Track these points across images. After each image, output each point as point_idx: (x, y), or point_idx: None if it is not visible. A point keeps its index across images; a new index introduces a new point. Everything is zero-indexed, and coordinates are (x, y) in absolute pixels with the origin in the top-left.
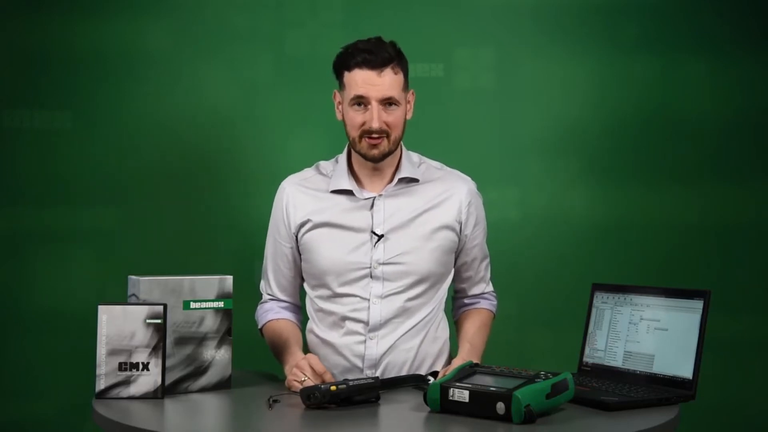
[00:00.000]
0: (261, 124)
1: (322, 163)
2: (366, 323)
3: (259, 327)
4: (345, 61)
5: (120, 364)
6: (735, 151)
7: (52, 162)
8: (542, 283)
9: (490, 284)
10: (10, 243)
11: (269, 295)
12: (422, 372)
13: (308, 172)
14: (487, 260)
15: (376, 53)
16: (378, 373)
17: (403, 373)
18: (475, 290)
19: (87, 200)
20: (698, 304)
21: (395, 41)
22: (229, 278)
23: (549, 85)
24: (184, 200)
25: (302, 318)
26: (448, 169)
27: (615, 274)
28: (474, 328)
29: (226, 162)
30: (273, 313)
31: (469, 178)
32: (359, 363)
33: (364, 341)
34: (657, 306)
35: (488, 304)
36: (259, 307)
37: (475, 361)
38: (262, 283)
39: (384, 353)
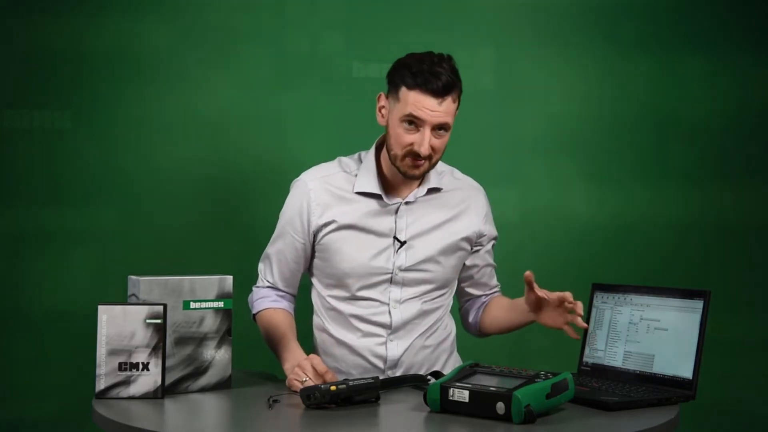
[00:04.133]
0: (261, 124)
1: (344, 160)
2: (385, 326)
3: (254, 313)
4: (406, 79)
5: (120, 364)
6: (735, 150)
7: (52, 162)
8: (542, 283)
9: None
10: (10, 243)
11: (269, 282)
12: (437, 369)
13: (330, 168)
14: (494, 271)
15: (441, 79)
16: (399, 373)
17: (422, 372)
18: (489, 290)
19: (87, 200)
20: (698, 304)
21: (452, 57)
22: (229, 278)
23: (549, 85)
24: (184, 200)
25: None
26: (461, 175)
27: (615, 274)
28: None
29: (226, 162)
30: (269, 300)
31: (481, 187)
32: (380, 364)
33: (385, 343)
34: (657, 306)
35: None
36: (255, 291)
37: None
38: (262, 266)
39: (403, 354)
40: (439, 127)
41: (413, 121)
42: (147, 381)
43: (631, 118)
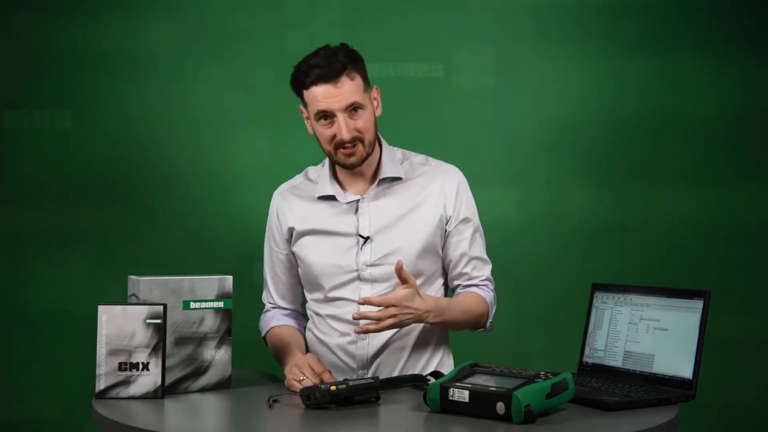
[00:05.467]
0: (261, 124)
1: (311, 169)
2: (356, 324)
3: (263, 335)
4: (300, 80)
5: (120, 364)
6: (734, 151)
7: (52, 162)
8: (542, 283)
9: (486, 283)
10: (10, 243)
11: (271, 303)
12: (416, 371)
13: (298, 179)
14: (476, 261)
15: (328, 65)
16: (370, 373)
17: (396, 373)
18: (467, 282)
19: (87, 200)
20: (698, 304)
21: (347, 43)
22: (229, 278)
23: (549, 85)
24: (184, 200)
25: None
26: (433, 161)
27: (615, 274)
28: (455, 299)
29: (226, 162)
30: (275, 320)
31: (454, 168)
32: (351, 363)
33: (356, 341)
34: (657, 306)
35: (479, 289)
36: (261, 317)
37: (432, 315)
38: (264, 293)
39: (375, 353)
40: (352, 108)
41: (326, 115)
42: (147, 381)
43: (631, 118)
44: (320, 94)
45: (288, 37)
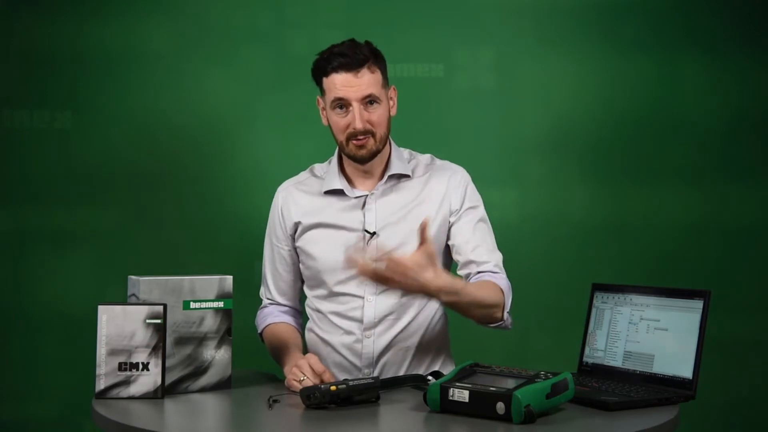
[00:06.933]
0: (261, 123)
1: (316, 166)
2: (360, 321)
3: (259, 332)
4: (322, 67)
5: (120, 364)
6: (734, 151)
7: (52, 162)
8: (542, 283)
9: (498, 271)
10: (10, 243)
11: (269, 299)
12: (420, 370)
13: (303, 175)
14: (482, 248)
15: (351, 55)
16: (376, 372)
17: (402, 371)
18: (477, 269)
19: (87, 200)
20: (698, 304)
21: (371, 41)
22: (229, 278)
23: (549, 85)
24: (184, 200)
25: (302, 322)
26: (439, 161)
27: (615, 274)
28: (471, 282)
29: (227, 162)
30: (272, 317)
31: (460, 168)
32: (357, 362)
33: (361, 340)
34: (657, 306)
35: (492, 277)
36: (258, 313)
37: (444, 293)
38: (262, 289)
39: (381, 351)
40: (368, 101)
41: (342, 104)
42: (147, 381)
43: (631, 118)
44: (339, 82)
45: (288, 37)
